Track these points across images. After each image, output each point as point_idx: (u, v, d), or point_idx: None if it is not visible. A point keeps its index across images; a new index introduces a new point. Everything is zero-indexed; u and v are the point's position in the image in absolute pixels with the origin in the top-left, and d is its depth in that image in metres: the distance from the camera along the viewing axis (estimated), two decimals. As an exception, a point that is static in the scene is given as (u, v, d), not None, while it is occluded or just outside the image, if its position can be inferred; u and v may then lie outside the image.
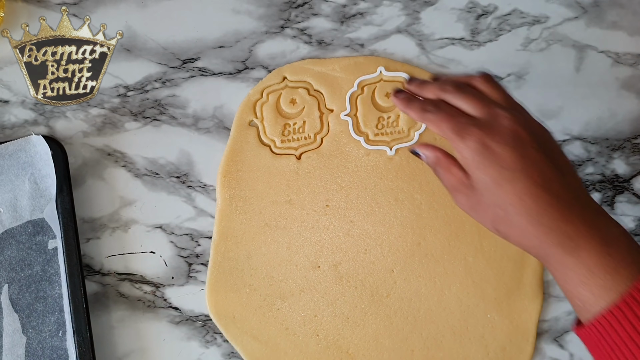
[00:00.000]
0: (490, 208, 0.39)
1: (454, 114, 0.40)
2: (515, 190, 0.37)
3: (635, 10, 0.54)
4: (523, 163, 0.38)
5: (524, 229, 0.38)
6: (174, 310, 0.51)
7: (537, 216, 0.37)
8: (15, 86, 0.53)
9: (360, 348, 0.50)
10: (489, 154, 0.38)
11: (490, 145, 0.38)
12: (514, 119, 0.39)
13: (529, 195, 0.37)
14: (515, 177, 0.37)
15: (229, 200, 0.51)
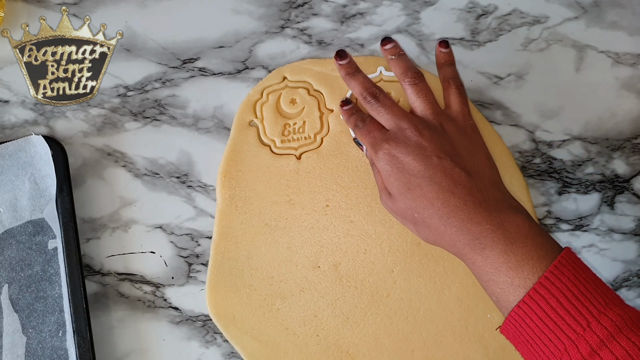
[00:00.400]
0: (407, 212, 0.43)
1: (372, 130, 0.45)
2: (424, 194, 0.41)
3: (635, 10, 0.54)
4: (428, 170, 0.41)
5: (437, 230, 0.41)
6: (174, 310, 0.51)
7: (446, 217, 0.40)
8: (15, 86, 0.53)
9: (360, 348, 0.50)
10: (397, 164, 0.42)
11: (397, 156, 0.42)
12: (417, 131, 0.43)
13: (438, 199, 0.41)
14: (423, 182, 0.41)
15: (229, 200, 0.51)
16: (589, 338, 0.36)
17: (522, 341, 0.39)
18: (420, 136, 0.42)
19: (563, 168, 0.53)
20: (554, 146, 0.53)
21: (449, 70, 0.47)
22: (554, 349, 0.37)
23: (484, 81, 0.53)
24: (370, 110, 0.46)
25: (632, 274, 0.52)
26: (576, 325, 0.36)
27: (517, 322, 0.38)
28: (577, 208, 0.53)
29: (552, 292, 0.37)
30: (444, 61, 0.47)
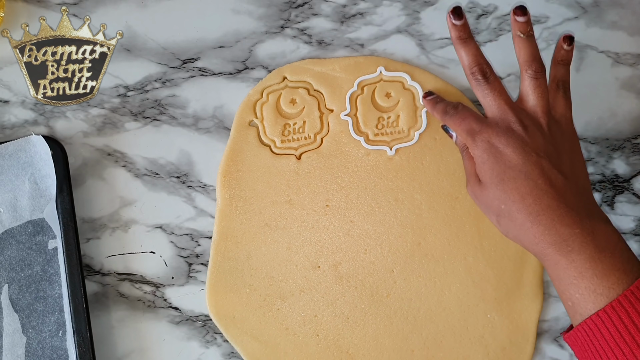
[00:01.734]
0: (494, 202, 0.42)
1: (468, 117, 0.44)
2: (517, 187, 0.40)
3: (635, 10, 0.54)
4: (526, 164, 0.41)
5: (523, 226, 0.40)
6: (174, 310, 0.51)
7: (536, 215, 0.40)
8: (15, 86, 0.53)
9: (360, 348, 0.50)
10: (495, 153, 0.41)
11: (496, 145, 0.42)
12: (522, 126, 0.42)
13: (530, 195, 0.40)
14: (518, 176, 0.40)
15: (229, 200, 0.51)
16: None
17: (590, 351, 0.38)
18: (525, 131, 0.42)
19: (563, 168, 0.53)
20: (554, 146, 0.53)
21: (562, 71, 0.45)
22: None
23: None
24: (476, 89, 0.44)
25: (632, 274, 0.52)
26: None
27: (592, 331, 0.38)
28: (577, 208, 0.53)
29: (636, 307, 0.36)
30: (561, 59, 0.46)
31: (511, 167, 0.41)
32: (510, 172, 0.41)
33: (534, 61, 0.44)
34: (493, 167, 0.41)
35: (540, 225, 0.40)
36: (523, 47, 0.44)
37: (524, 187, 0.40)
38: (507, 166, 0.41)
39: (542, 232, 0.40)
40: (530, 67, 0.44)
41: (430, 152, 0.52)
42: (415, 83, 0.52)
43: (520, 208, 0.40)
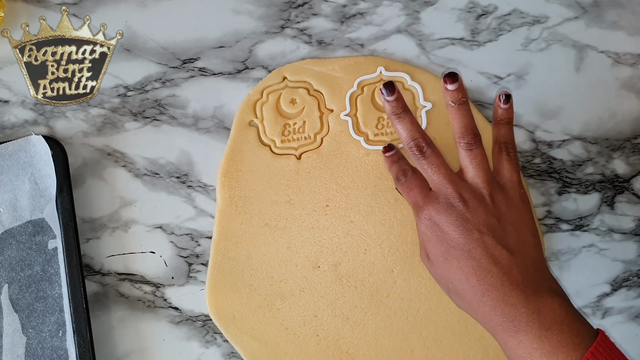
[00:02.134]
0: (442, 279, 0.42)
1: (413, 188, 0.44)
2: (461, 267, 0.40)
3: (635, 10, 0.54)
4: (468, 243, 0.40)
5: (471, 305, 0.40)
6: (174, 310, 0.51)
7: (481, 295, 0.39)
8: (15, 86, 0.53)
9: (360, 348, 0.50)
10: (437, 230, 0.41)
11: (438, 223, 0.41)
12: (463, 201, 0.41)
13: (474, 275, 0.40)
14: (461, 255, 0.40)
15: (229, 200, 0.51)
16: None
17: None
18: (465, 207, 0.41)
19: (563, 168, 0.53)
20: (554, 146, 0.53)
21: (504, 132, 0.45)
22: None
23: (484, 81, 0.53)
24: (415, 163, 0.44)
25: (632, 274, 0.52)
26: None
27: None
28: (577, 208, 0.53)
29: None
30: (500, 118, 0.45)
31: (453, 246, 0.40)
32: (453, 251, 0.40)
33: (467, 132, 0.43)
34: (436, 245, 0.41)
35: (485, 305, 0.39)
36: (455, 117, 0.43)
37: (468, 267, 0.40)
38: (450, 245, 0.40)
39: (488, 312, 0.39)
40: (463, 139, 0.43)
41: (430, 152, 0.52)
42: (415, 83, 0.52)
43: (466, 288, 0.40)
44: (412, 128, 0.44)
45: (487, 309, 0.39)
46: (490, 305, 0.39)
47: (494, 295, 0.39)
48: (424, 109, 0.52)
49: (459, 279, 0.40)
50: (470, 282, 0.40)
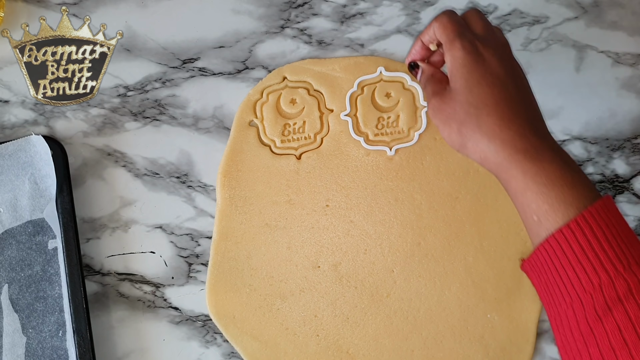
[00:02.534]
0: (463, 106, 0.40)
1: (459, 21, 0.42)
2: (493, 94, 0.39)
3: (635, 10, 0.54)
4: (505, 75, 0.40)
5: (491, 131, 0.39)
6: (174, 310, 0.51)
7: (507, 120, 0.39)
8: (15, 86, 0.53)
9: (360, 348, 0.50)
10: (478, 58, 0.40)
11: (482, 52, 0.41)
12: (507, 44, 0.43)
13: (504, 101, 0.39)
14: (496, 83, 0.40)
15: (229, 200, 0.51)
16: (629, 277, 0.34)
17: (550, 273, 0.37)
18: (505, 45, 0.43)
19: (563, 168, 0.53)
20: (554, 146, 0.53)
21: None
22: (586, 282, 0.35)
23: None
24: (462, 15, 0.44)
25: (632, 274, 0.52)
26: (617, 261, 0.35)
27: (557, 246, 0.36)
28: (577, 208, 0.53)
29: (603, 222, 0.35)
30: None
31: (491, 73, 0.40)
32: (490, 77, 0.40)
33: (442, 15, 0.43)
34: (473, 69, 0.40)
35: (510, 130, 0.38)
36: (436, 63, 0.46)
37: (500, 94, 0.39)
38: (488, 72, 0.40)
39: (512, 137, 0.38)
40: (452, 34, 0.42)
41: (430, 152, 0.52)
42: (415, 83, 0.52)
43: (491, 112, 0.39)
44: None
45: (511, 134, 0.38)
46: (515, 130, 0.38)
47: (521, 123, 0.39)
48: (424, 109, 0.52)
49: (486, 103, 0.39)
50: (500, 106, 0.39)
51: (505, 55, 0.42)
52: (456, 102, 0.41)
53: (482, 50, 0.41)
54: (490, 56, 0.41)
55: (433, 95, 0.43)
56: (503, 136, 0.38)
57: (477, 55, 0.40)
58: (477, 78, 0.40)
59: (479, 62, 0.40)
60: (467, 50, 0.41)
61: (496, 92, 0.39)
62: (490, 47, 0.41)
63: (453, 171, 0.52)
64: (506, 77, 0.40)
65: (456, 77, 0.41)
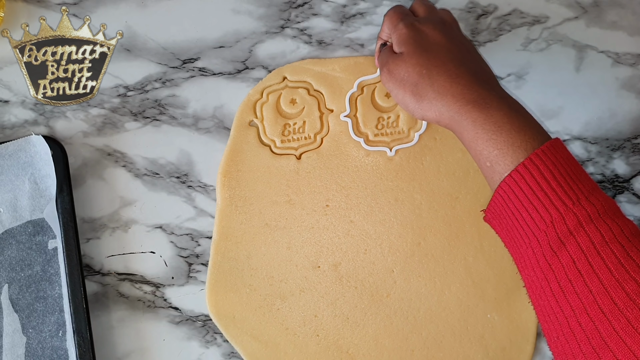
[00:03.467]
0: (414, 68, 0.43)
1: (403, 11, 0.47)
2: (439, 56, 0.43)
3: (635, 10, 0.54)
4: (448, 42, 0.44)
5: (442, 88, 0.41)
6: (174, 310, 0.51)
7: (455, 77, 0.41)
8: (15, 86, 0.53)
9: (360, 348, 0.50)
10: (421, 32, 0.44)
11: (421, 29, 0.44)
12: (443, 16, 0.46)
13: (451, 62, 0.42)
14: (441, 49, 0.43)
15: (229, 200, 0.51)
16: (578, 211, 0.36)
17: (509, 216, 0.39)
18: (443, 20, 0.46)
19: (563, 168, 0.53)
20: (554, 146, 0.53)
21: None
22: (540, 221, 0.37)
23: None
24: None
25: (632, 274, 0.52)
26: (567, 198, 0.37)
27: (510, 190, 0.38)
28: (577, 208, 0.53)
29: (550, 162, 0.37)
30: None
31: (435, 42, 0.43)
32: (435, 46, 0.43)
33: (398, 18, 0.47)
34: (418, 40, 0.44)
35: (459, 85, 0.41)
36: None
37: (446, 55, 0.43)
38: (430, 42, 0.44)
39: (460, 91, 0.41)
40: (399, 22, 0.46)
41: (430, 153, 0.52)
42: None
43: (441, 71, 0.42)
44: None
45: (459, 88, 0.41)
46: (464, 84, 0.41)
47: (468, 77, 0.41)
48: (424, 109, 0.52)
49: (435, 64, 0.42)
50: (447, 65, 0.42)
51: (446, 28, 0.45)
52: (408, 64, 0.43)
53: (421, 27, 0.44)
54: (430, 30, 0.44)
55: (386, 63, 0.46)
56: (453, 90, 0.41)
57: (418, 31, 0.44)
58: (423, 45, 0.43)
59: (421, 35, 0.44)
60: (409, 28, 0.44)
61: (442, 55, 0.43)
62: (429, 24, 0.45)
63: (453, 171, 0.52)
64: (449, 43, 0.43)
65: (405, 46, 0.44)
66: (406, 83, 0.43)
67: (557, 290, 0.36)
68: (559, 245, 0.36)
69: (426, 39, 0.44)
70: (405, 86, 0.43)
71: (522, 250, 0.39)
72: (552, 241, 0.37)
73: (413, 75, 0.43)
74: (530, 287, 0.39)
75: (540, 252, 0.37)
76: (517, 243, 0.39)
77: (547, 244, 0.37)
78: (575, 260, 0.36)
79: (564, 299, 0.36)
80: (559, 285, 0.36)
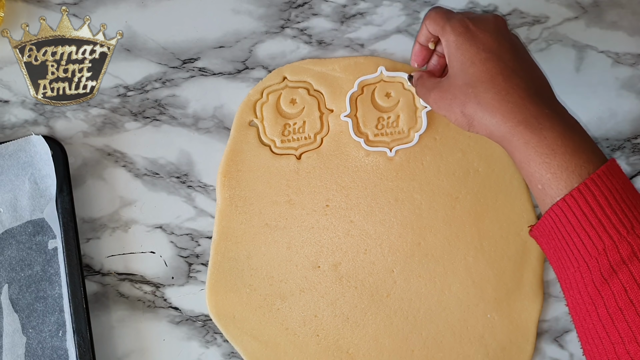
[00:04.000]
0: (461, 89, 0.41)
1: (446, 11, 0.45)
2: (487, 69, 0.40)
3: (635, 10, 0.54)
4: (499, 47, 0.41)
5: (490, 107, 0.40)
6: (174, 310, 0.51)
7: (505, 94, 0.39)
8: (15, 86, 0.53)
9: (360, 348, 0.50)
10: (470, 36, 0.42)
11: (472, 29, 0.42)
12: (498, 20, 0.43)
13: (500, 74, 0.40)
14: (489, 58, 0.41)
15: (229, 200, 0.51)
16: (632, 240, 0.35)
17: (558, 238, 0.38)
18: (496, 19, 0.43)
19: (563, 168, 0.53)
20: (554, 146, 0.53)
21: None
22: (591, 248, 0.36)
23: None
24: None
25: (632, 274, 0.52)
26: (621, 226, 0.36)
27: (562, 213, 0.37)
28: (577, 208, 0.53)
29: (606, 188, 0.36)
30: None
31: (484, 48, 0.41)
32: (483, 54, 0.41)
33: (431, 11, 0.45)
34: (467, 49, 0.41)
35: (509, 103, 0.39)
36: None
37: (495, 67, 0.40)
38: (481, 48, 0.41)
39: (511, 109, 0.39)
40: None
41: (430, 152, 0.52)
42: (415, 83, 0.52)
43: (489, 87, 0.40)
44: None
45: (510, 105, 0.39)
46: (514, 102, 0.39)
47: (519, 93, 0.39)
48: (424, 109, 0.52)
49: (481, 79, 0.40)
50: (496, 80, 0.40)
51: (497, 27, 0.42)
52: (454, 87, 0.42)
53: (472, 27, 0.42)
54: (481, 32, 0.42)
55: (431, 90, 0.44)
56: (502, 109, 0.39)
57: (468, 33, 0.42)
58: (470, 57, 0.41)
59: (471, 41, 0.41)
60: (458, 31, 0.42)
61: (490, 67, 0.40)
62: (480, 22, 0.42)
63: (453, 171, 0.52)
64: (499, 49, 0.41)
65: (452, 62, 0.42)
66: (455, 105, 0.42)
67: (605, 316, 0.35)
68: (611, 273, 0.35)
69: (477, 45, 0.41)
70: (454, 109, 0.42)
71: (569, 272, 0.38)
72: (604, 269, 0.36)
73: (460, 96, 0.41)
74: (575, 308, 0.38)
75: (590, 278, 0.36)
76: (564, 264, 0.38)
77: (598, 270, 0.36)
78: (627, 289, 0.35)
79: (612, 325, 0.35)
80: (607, 312, 0.35)
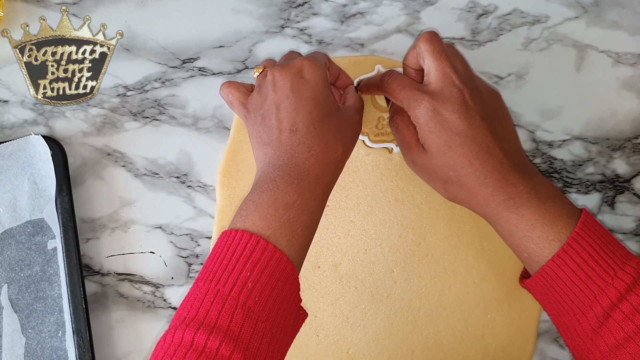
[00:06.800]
0: (442, 170, 0.43)
1: (406, 85, 0.44)
2: (464, 153, 0.42)
3: (635, 10, 0.54)
4: (471, 129, 0.42)
5: (471, 190, 0.42)
6: (173, 311, 0.51)
7: (483, 178, 0.41)
8: (15, 86, 0.53)
9: (360, 348, 0.50)
10: (441, 121, 0.42)
11: (442, 113, 0.42)
12: (464, 88, 0.43)
13: (477, 159, 0.41)
14: (464, 141, 0.42)
15: (229, 200, 0.51)
16: (617, 285, 0.38)
17: (551, 293, 0.41)
18: (467, 93, 0.42)
19: (563, 168, 0.53)
20: (554, 146, 0.53)
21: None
22: (583, 298, 0.39)
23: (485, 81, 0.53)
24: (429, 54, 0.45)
25: (632, 274, 0.52)
26: (605, 274, 0.39)
27: (549, 275, 0.40)
28: (577, 208, 0.53)
29: (584, 245, 0.39)
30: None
31: (457, 132, 0.42)
32: (457, 138, 0.42)
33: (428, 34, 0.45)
34: (440, 134, 0.42)
35: (487, 187, 0.41)
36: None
37: (471, 151, 0.41)
38: (454, 132, 0.42)
39: (490, 193, 0.41)
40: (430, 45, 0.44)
41: (430, 152, 0.52)
42: (415, 83, 0.52)
43: (469, 173, 0.41)
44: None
45: (489, 190, 0.41)
46: (492, 185, 0.41)
47: (495, 176, 0.41)
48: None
49: (461, 165, 0.42)
50: (474, 165, 0.41)
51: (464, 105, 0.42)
52: (434, 163, 0.43)
53: (441, 111, 0.42)
54: (450, 114, 0.42)
55: (408, 148, 0.45)
56: (483, 193, 0.42)
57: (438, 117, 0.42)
58: (446, 142, 0.42)
59: (443, 126, 0.42)
60: (427, 116, 0.42)
61: (467, 151, 0.41)
62: (447, 103, 0.42)
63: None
64: (471, 130, 0.41)
65: (427, 142, 0.43)
66: (437, 179, 0.44)
67: (605, 351, 0.38)
68: (605, 316, 0.38)
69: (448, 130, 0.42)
70: (436, 182, 0.45)
71: (565, 320, 0.41)
72: (598, 313, 0.39)
73: (441, 175, 0.43)
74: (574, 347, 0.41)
75: (587, 323, 0.39)
76: (559, 313, 0.41)
77: (593, 315, 0.39)
78: (623, 327, 0.38)
79: (615, 358, 0.38)
80: (607, 348, 0.38)
